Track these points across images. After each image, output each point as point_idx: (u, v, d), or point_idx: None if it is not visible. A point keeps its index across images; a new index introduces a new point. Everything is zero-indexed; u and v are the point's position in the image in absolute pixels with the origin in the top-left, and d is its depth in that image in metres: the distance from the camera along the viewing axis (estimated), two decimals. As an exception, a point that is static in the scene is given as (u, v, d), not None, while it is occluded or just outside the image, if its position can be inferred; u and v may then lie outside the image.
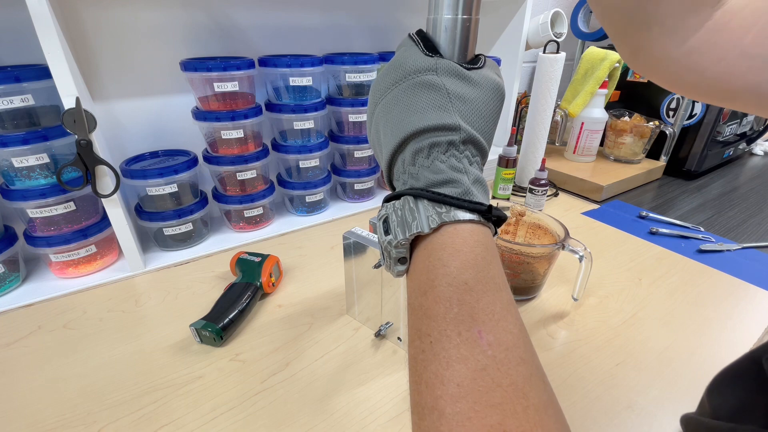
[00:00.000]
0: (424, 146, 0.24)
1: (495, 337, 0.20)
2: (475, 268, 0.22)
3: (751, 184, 1.03)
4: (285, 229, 0.75)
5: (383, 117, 0.27)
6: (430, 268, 0.22)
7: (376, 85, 0.28)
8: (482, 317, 0.20)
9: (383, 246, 0.25)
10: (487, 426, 0.17)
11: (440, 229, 0.23)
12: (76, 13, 0.57)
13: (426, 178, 0.24)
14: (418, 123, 0.24)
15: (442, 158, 0.24)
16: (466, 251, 0.22)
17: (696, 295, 0.58)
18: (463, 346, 0.19)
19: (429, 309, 0.21)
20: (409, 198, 0.24)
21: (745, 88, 0.25)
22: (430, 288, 0.22)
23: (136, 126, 0.67)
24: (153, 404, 0.41)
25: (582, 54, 1.04)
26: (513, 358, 0.19)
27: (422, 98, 0.25)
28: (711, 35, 0.25)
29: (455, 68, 0.25)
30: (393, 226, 0.24)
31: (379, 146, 0.28)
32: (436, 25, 0.27)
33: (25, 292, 0.57)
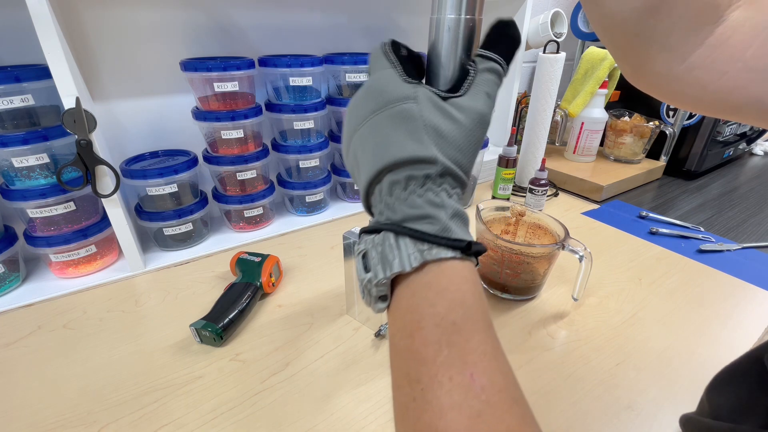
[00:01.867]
0: (400, 179, 0.24)
1: (488, 379, 0.19)
2: (463, 307, 0.21)
3: (751, 184, 1.03)
4: (285, 229, 0.75)
5: (360, 146, 0.26)
6: (415, 308, 0.22)
7: (353, 112, 0.27)
8: (473, 359, 0.20)
9: (363, 283, 0.24)
10: None
11: (423, 268, 0.22)
12: (76, 13, 0.57)
13: (403, 211, 0.23)
14: (395, 155, 0.24)
15: (419, 192, 0.24)
16: (452, 290, 0.21)
17: (696, 295, 0.58)
18: (455, 392, 0.19)
19: (417, 352, 0.21)
20: (389, 234, 0.23)
21: (747, 101, 0.25)
22: (416, 329, 0.21)
23: (136, 126, 0.67)
24: (153, 404, 0.41)
25: (582, 54, 1.04)
26: (507, 400, 0.19)
27: (399, 129, 0.24)
28: (712, 51, 0.25)
29: (434, 99, 0.25)
30: (373, 263, 0.24)
31: (357, 172, 0.28)
32: (439, 24, 0.27)
33: (25, 292, 0.57)
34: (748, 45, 0.24)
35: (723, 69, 0.25)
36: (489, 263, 0.56)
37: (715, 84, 0.25)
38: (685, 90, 0.27)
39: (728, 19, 0.24)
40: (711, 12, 0.24)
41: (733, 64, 0.24)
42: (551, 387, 0.44)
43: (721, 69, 0.25)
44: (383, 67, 0.27)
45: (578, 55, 1.14)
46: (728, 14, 0.24)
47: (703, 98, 0.26)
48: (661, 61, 0.26)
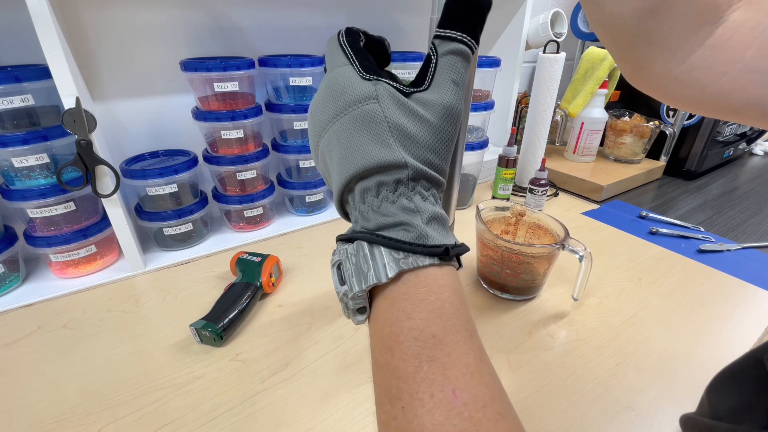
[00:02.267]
0: (371, 186, 0.23)
1: (470, 394, 0.18)
2: (443, 318, 0.20)
3: (751, 184, 1.03)
4: (285, 229, 0.75)
5: (327, 153, 0.25)
6: (394, 320, 0.21)
7: (314, 116, 0.26)
8: (455, 373, 0.19)
9: (339, 296, 0.23)
10: None
11: (400, 278, 0.21)
12: (76, 13, 0.57)
13: (376, 219, 0.23)
14: (362, 163, 0.23)
15: (391, 198, 0.23)
16: (431, 299, 0.21)
17: (696, 295, 0.58)
18: (437, 410, 0.18)
19: (397, 368, 0.20)
20: (363, 243, 0.22)
21: (747, 102, 0.25)
22: (395, 344, 0.20)
23: (136, 126, 0.67)
24: (153, 404, 0.41)
25: (582, 54, 1.04)
26: (491, 416, 0.18)
27: (363, 134, 0.23)
28: (712, 52, 0.25)
29: (396, 96, 0.24)
30: (347, 275, 0.23)
31: (329, 179, 0.27)
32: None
33: (25, 292, 0.57)
34: (748, 46, 0.24)
35: (723, 70, 0.25)
36: (489, 263, 0.56)
37: (715, 85, 0.25)
38: (685, 91, 0.27)
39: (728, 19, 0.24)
40: (711, 13, 0.24)
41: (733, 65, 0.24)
42: (551, 387, 0.44)
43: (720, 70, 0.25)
44: (340, 63, 0.26)
45: (578, 55, 1.14)
46: (728, 15, 0.24)
47: (703, 99, 0.26)
48: (661, 62, 0.26)
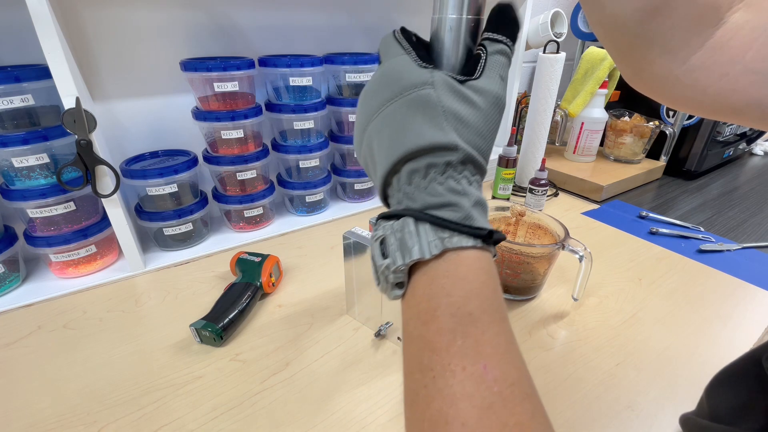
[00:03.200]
0: (420, 167, 0.23)
1: (500, 371, 0.19)
2: (480, 298, 0.21)
3: (751, 184, 1.03)
4: (285, 229, 0.75)
5: (376, 136, 0.26)
6: (432, 296, 0.21)
7: (366, 101, 0.27)
8: (487, 350, 0.20)
9: (380, 270, 0.24)
10: None
11: (442, 256, 0.22)
12: (76, 13, 0.57)
13: (423, 199, 0.23)
14: (414, 143, 0.23)
15: (440, 179, 0.23)
16: (470, 279, 0.21)
17: (696, 295, 0.58)
18: (467, 382, 0.19)
19: (431, 341, 0.20)
20: (408, 220, 0.23)
21: (747, 104, 0.25)
22: (431, 318, 0.21)
23: (136, 126, 0.67)
24: (153, 404, 0.41)
25: (582, 54, 1.04)
26: (518, 395, 0.19)
27: (418, 116, 0.24)
28: (712, 53, 0.25)
29: (451, 83, 0.24)
30: (392, 249, 0.23)
31: (372, 164, 0.27)
32: (440, 24, 0.26)
33: (25, 292, 0.57)
34: (748, 47, 0.24)
35: (723, 71, 0.25)
36: (489, 263, 0.55)
37: (715, 86, 0.25)
38: (686, 92, 0.27)
39: (728, 21, 0.24)
40: (711, 14, 0.24)
41: (733, 67, 0.24)
42: (551, 387, 0.44)
43: (721, 71, 0.25)
44: (396, 53, 0.26)
45: (578, 55, 1.14)
46: (728, 16, 0.24)
47: (703, 100, 0.26)
48: (662, 64, 0.26)
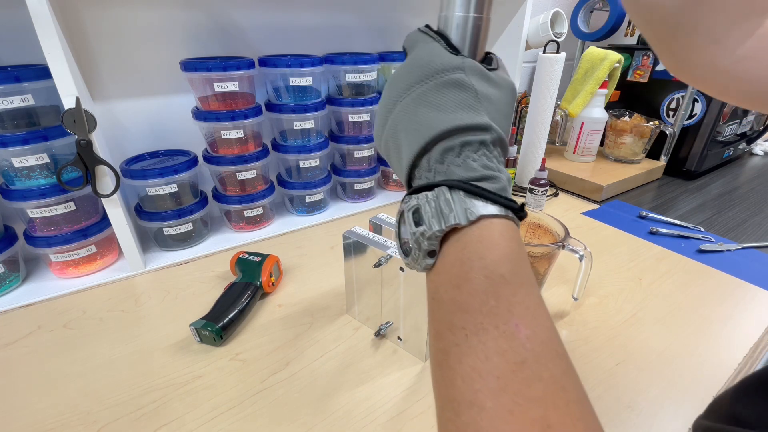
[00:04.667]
0: (455, 145, 0.24)
1: (532, 330, 0.19)
2: (512, 262, 0.21)
3: (751, 184, 1.03)
4: (285, 229, 0.75)
5: (405, 116, 0.26)
6: (465, 260, 0.22)
7: (395, 83, 0.27)
8: (519, 311, 0.20)
9: (414, 237, 0.24)
10: (530, 420, 0.17)
11: (477, 222, 0.22)
12: (76, 13, 0.57)
13: (458, 175, 0.23)
14: (450, 122, 0.24)
15: (473, 157, 0.24)
16: (502, 245, 0.22)
17: (696, 295, 0.58)
18: (501, 339, 0.19)
19: (463, 302, 0.21)
20: (443, 189, 0.23)
21: None
22: (464, 281, 0.21)
23: (136, 126, 0.67)
24: (153, 404, 0.41)
25: (582, 54, 1.04)
26: (550, 352, 0.19)
27: (451, 97, 0.24)
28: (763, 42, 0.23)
29: (480, 69, 0.25)
30: (427, 216, 0.23)
31: (396, 147, 0.27)
32: (447, 22, 0.26)
33: (25, 292, 0.57)
34: None
35: None
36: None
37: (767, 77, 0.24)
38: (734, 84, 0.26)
39: None
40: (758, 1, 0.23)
41: None
42: (551, 387, 0.43)
43: None
44: (425, 42, 0.26)
45: (578, 55, 1.14)
46: None
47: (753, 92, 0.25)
48: (706, 54, 0.25)
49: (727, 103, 0.97)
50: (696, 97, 0.98)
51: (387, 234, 0.50)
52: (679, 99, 1.01)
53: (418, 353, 0.46)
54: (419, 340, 0.46)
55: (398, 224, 0.26)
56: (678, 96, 1.02)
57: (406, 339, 0.47)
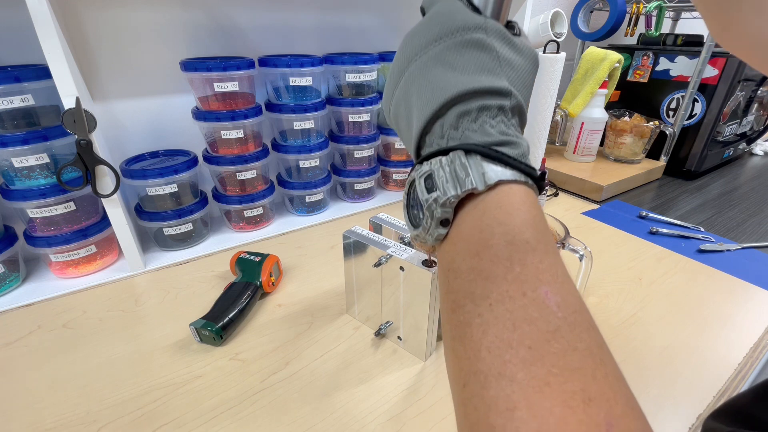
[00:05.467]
0: (471, 109, 0.22)
1: (562, 298, 0.18)
2: (535, 228, 0.20)
3: (751, 184, 1.03)
4: (285, 229, 0.75)
5: (419, 75, 0.24)
6: (484, 227, 0.20)
7: (410, 41, 0.25)
8: (547, 278, 0.18)
9: (427, 205, 0.22)
10: (568, 392, 0.15)
11: (496, 188, 0.21)
12: (76, 13, 0.57)
13: (474, 139, 0.22)
14: (468, 84, 0.22)
15: (491, 123, 0.22)
16: (524, 210, 0.20)
17: (696, 295, 0.58)
18: (530, 307, 0.17)
19: (484, 270, 0.19)
20: (459, 153, 0.21)
21: None
22: (484, 248, 0.20)
23: (136, 126, 0.67)
24: (153, 403, 0.41)
25: (582, 54, 1.04)
26: (583, 322, 0.18)
27: (471, 58, 0.22)
28: None
29: (504, 31, 0.23)
30: (441, 182, 0.21)
31: (406, 111, 0.25)
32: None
33: (25, 292, 0.57)
34: None
35: None
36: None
37: None
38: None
39: None
40: None
41: None
42: (551, 386, 0.43)
43: None
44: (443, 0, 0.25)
45: (578, 55, 1.14)
46: None
47: None
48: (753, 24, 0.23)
49: (728, 103, 0.97)
50: (696, 97, 0.98)
51: (387, 234, 0.50)
52: (679, 99, 1.01)
53: (418, 353, 0.46)
54: (419, 339, 0.46)
55: (407, 195, 0.25)
56: (678, 96, 1.02)
57: (406, 339, 0.47)
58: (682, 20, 1.30)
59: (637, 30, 1.09)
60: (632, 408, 0.16)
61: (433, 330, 0.45)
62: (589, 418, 0.15)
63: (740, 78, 0.95)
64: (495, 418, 0.16)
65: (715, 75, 0.95)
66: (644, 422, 0.16)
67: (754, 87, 1.04)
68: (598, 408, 0.15)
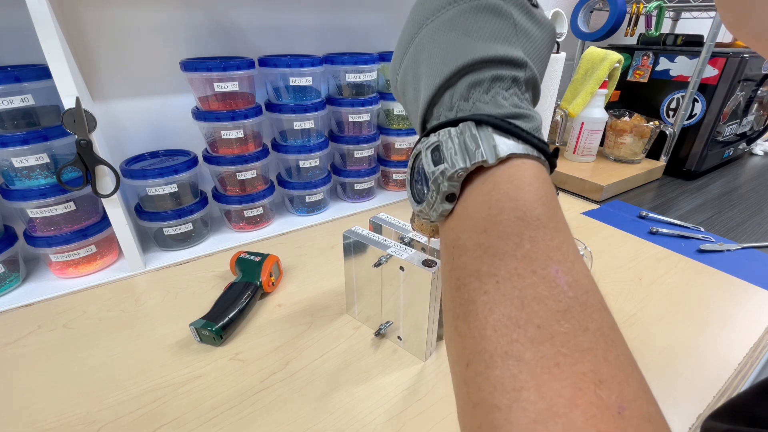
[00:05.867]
0: (484, 79, 0.21)
1: (574, 278, 0.17)
2: (547, 205, 0.19)
3: (751, 184, 1.03)
4: (285, 228, 0.75)
5: (430, 41, 0.22)
6: (493, 202, 0.19)
7: (422, 4, 0.23)
8: (558, 256, 0.18)
9: (432, 178, 0.21)
10: (578, 374, 0.15)
11: (507, 162, 0.20)
12: (75, 13, 0.57)
13: (486, 111, 0.21)
14: (481, 51, 0.21)
15: (504, 95, 0.21)
16: (536, 186, 0.19)
17: (696, 295, 0.58)
18: (540, 285, 0.17)
19: (492, 247, 0.18)
20: (470, 124, 0.20)
21: None
22: (492, 224, 0.19)
23: (136, 126, 0.67)
24: (152, 403, 0.41)
25: (582, 54, 1.04)
26: (595, 303, 0.17)
27: (486, 24, 0.21)
28: None
29: (523, 1, 0.22)
30: (449, 154, 0.20)
31: (414, 80, 0.24)
32: None
33: (25, 292, 0.57)
34: None
35: None
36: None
37: None
38: None
39: None
40: None
41: None
42: (551, 386, 0.43)
43: None
44: None
45: (578, 55, 1.14)
46: None
47: None
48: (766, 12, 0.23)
49: (728, 103, 0.97)
50: (696, 97, 0.98)
51: (387, 234, 0.50)
52: (679, 99, 1.01)
53: (418, 353, 0.46)
54: (419, 339, 0.46)
55: (410, 169, 0.24)
56: (678, 96, 1.02)
57: (406, 338, 0.47)
58: (682, 20, 1.31)
59: (637, 30, 1.09)
60: (644, 392, 0.15)
61: (433, 330, 0.45)
62: (600, 401, 0.14)
63: (740, 78, 0.95)
64: (500, 398, 0.16)
65: (715, 75, 0.95)
66: (656, 407, 0.15)
67: (754, 87, 1.04)
68: (609, 390, 0.15)
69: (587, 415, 0.14)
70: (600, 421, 0.14)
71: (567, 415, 0.14)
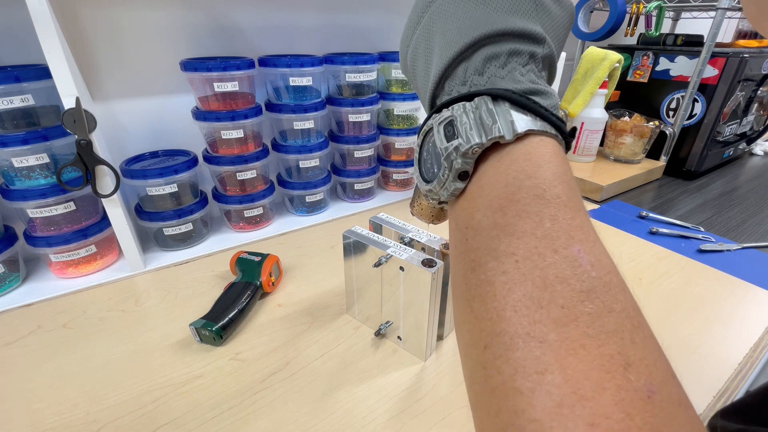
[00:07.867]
0: (501, 52, 0.20)
1: (596, 258, 0.17)
2: (567, 184, 0.18)
3: (751, 184, 1.03)
4: (285, 228, 0.75)
5: (446, 11, 0.21)
6: (510, 180, 0.18)
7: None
8: (580, 236, 0.17)
9: (445, 154, 0.20)
10: (605, 356, 0.14)
11: (524, 138, 0.19)
12: (75, 13, 0.57)
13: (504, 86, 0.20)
14: (500, 23, 0.20)
15: (521, 70, 0.20)
16: (555, 163, 0.18)
17: (696, 295, 0.58)
18: (562, 265, 0.16)
19: (509, 225, 0.17)
20: (485, 99, 0.19)
21: None
22: (509, 203, 0.18)
23: (136, 126, 0.67)
24: (152, 403, 0.41)
25: (582, 54, 1.04)
26: (618, 283, 0.17)
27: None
28: None
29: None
30: (464, 129, 0.19)
31: (426, 52, 0.23)
32: None
33: (25, 291, 0.57)
34: None
35: None
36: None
37: None
38: None
39: None
40: None
41: None
42: (551, 386, 0.43)
43: None
44: None
45: (578, 55, 1.14)
46: None
47: None
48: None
49: (728, 103, 0.97)
50: (696, 97, 0.98)
51: (387, 234, 0.50)
52: (679, 99, 1.01)
53: (418, 353, 0.46)
54: (419, 339, 0.46)
55: (419, 147, 0.23)
56: (678, 96, 1.02)
57: (406, 338, 0.47)
58: (682, 20, 1.31)
59: (637, 30, 1.09)
60: (673, 376, 0.15)
61: (433, 330, 0.45)
62: (628, 384, 0.14)
63: (740, 78, 0.95)
64: (522, 381, 0.15)
65: (715, 75, 0.95)
66: (683, 391, 0.15)
67: (754, 87, 1.04)
68: (638, 373, 0.14)
69: (616, 398, 0.14)
70: (629, 405, 0.13)
71: (594, 399, 0.14)
